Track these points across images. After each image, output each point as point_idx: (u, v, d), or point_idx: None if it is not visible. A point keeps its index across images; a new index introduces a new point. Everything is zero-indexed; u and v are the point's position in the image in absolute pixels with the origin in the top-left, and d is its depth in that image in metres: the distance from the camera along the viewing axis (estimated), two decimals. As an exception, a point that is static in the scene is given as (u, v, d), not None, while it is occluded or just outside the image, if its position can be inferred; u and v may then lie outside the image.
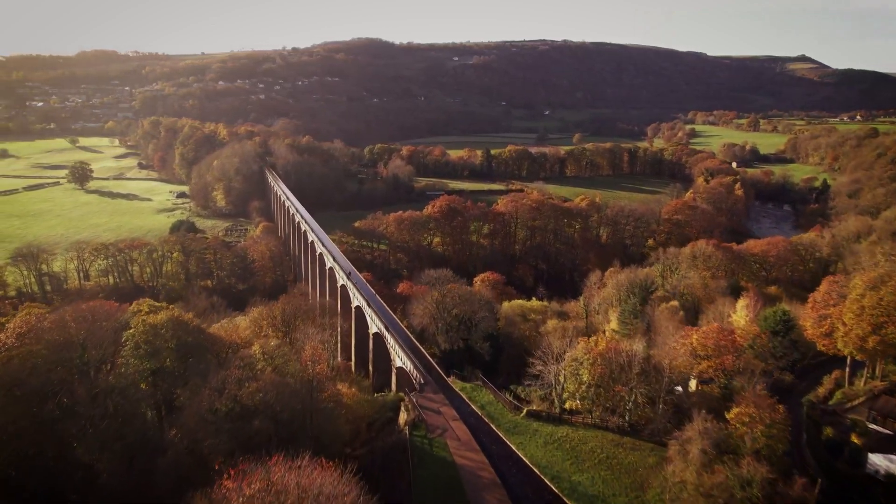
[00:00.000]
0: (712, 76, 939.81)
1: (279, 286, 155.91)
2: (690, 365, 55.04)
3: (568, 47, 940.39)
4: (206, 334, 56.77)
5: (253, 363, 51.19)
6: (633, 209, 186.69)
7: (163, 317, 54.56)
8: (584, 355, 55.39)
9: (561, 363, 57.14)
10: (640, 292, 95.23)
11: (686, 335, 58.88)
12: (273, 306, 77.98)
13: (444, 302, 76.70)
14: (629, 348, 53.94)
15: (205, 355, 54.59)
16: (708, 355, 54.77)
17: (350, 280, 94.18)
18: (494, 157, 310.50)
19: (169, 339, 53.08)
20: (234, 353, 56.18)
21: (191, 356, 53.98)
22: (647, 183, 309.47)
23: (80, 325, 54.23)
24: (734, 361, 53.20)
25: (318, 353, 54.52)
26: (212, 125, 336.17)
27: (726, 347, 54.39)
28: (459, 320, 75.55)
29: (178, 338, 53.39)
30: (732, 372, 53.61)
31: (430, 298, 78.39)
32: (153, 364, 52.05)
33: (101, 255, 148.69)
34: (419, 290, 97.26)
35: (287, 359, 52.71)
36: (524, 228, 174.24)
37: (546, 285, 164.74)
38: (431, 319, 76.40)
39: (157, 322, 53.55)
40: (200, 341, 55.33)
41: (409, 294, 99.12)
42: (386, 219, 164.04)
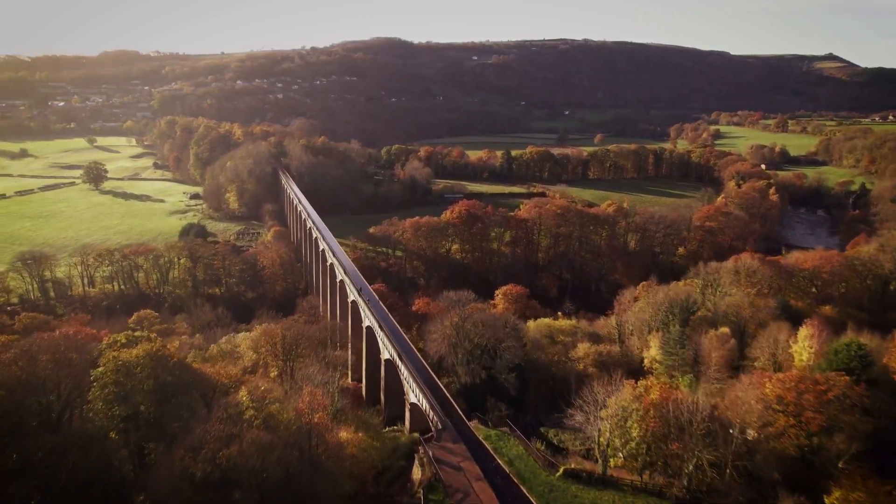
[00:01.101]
0: (736, 76, 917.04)
1: (290, 294, 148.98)
2: (764, 420, 45.88)
3: (588, 46, 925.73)
4: (189, 371, 49.12)
5: (240, 411, 43.50)
6: (664, 215, 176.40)
7: (139, 352, 47.02)
8: (632, 404, 46.69)
9: (604, 409, 48.40)
10: (681, 313, 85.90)
11: (758, 382, 49.57)
12: (274, 331, 70.35)
13: (464, 327, 68.41)
14: (689, 400, 44.96)
15: (187, 398, 46.97)
16: (787, 410, 45.49)
17: (361, 296, 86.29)
18: (515, 159, 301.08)
19: (144, 380, 45.53)
20: (221, 394, 48.56)
21: (171, 399, 46.35)
22: (674, 186, 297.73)
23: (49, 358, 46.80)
24: (821, 420, 43.87)
25: (317, 400, 46.75)
26: (227, 125, 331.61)
27: (809, 402, 45.05)
28: (482, 349, 67.24)
29: (156, 377, 45.85)
30: (818, 433, 44.28)
31: (449, 322, 70.14)
32: (124, 410, 44.58)
33: (105, 262, 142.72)
34: (436, 307, 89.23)
35: (281, 406, 44.93)
36: (548, 236, 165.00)
37: (571, 296, 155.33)
38: (450, 347, 68.20)
39: (131, 360, 46.04)
40: (183, 380, 47.72)
41: (426, 312, 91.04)
42: (402, 224, 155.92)
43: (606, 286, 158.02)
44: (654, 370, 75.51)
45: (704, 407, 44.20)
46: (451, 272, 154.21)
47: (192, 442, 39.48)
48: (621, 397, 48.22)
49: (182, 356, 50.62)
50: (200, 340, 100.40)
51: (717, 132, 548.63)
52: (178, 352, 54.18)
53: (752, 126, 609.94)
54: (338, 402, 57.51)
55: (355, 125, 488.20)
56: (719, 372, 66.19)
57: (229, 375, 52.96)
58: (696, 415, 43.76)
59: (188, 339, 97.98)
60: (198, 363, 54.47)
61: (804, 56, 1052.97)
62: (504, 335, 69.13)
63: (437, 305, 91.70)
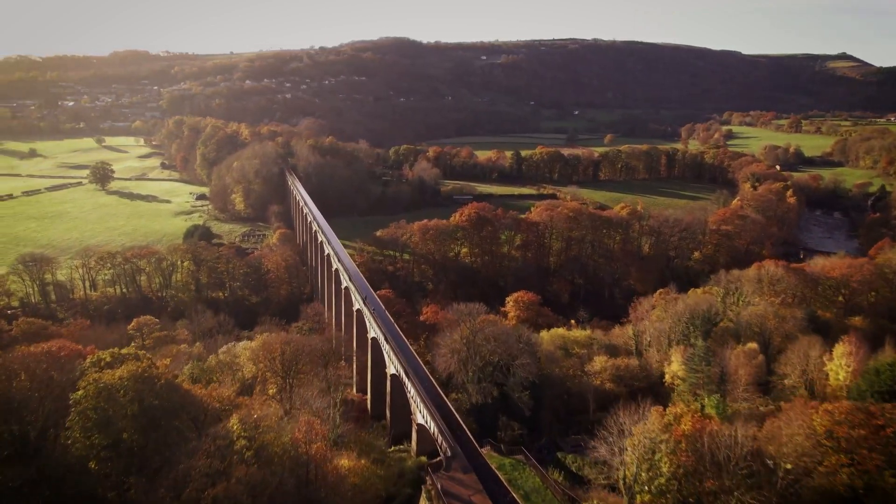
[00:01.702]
0: (747, 75, 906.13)
1: (294, 299, 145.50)
2: (813, 457, 41.33)
3: (598, 46, 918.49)
4: (179, 394, 45.23)
5: (230, 442, 39.75)
6: (679, 219, 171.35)
7: (122, 374, 43.30)
8: (661, 435, 42.47)
9: (629, 438, 44.19)
10: (703, 325, 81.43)
11: (803, 412, 44.89)
12: (273, 345, 66.59)
13: (475, 341, 64.33)
14: (726, 433, 40.56)
15: (175, 423, 43.23)
16: (839, 447, 40.88)
17: (366, 305, 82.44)
18: (525, 160, 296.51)
19: (128, 404, 41.80)
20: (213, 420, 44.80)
21: (157, 425, 42.60)
22: (687, 187, 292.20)
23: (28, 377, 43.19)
24: (879, 460, 39.27)
25: (315, 429, 42.95)
26: (234, 125, 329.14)
27: (864, 437, 40.37)
28: (493, 365, 63.16)
29: (141, 401, 42.12)
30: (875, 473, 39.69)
31: (459, 336, 66.08)
32: (104, 438, 40.89)
33: (107, 265, 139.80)
34: (444, 316, 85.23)
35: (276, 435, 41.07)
36: (560, 239, 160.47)
37: (583, 302, 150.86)
38: (460, 364, 64.19)
39: (113, 383, 42.34)
40: (172, 404, 43.96)
41: (435, 321, 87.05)
42: (410, 227, 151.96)
43: (620, 292, 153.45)
44: (677, 387, 71.19)
45: (744, 442, 39.84)
46: (460, 276, 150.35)
47: (176, 477, 35.82)
48: (648, 426, 44.07)
49: (171, 377, 46.84)
50: (201, 349, 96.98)
51: (730, 132, 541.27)
52: (168, 370, 50.23)
53: (764, 126, 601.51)
54: (339, 427, 53.65)
55: (364, 125, 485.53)
56: (748, 391, 61.81)
57: (221, 398, 49.01)
58: (735, 450, 39.46)
59: (188, 347, 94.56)
60: (188, 384, 50.71)
61: (816, 55, 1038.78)
62: (517, 351, 65.04)
63: (445, 314, 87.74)
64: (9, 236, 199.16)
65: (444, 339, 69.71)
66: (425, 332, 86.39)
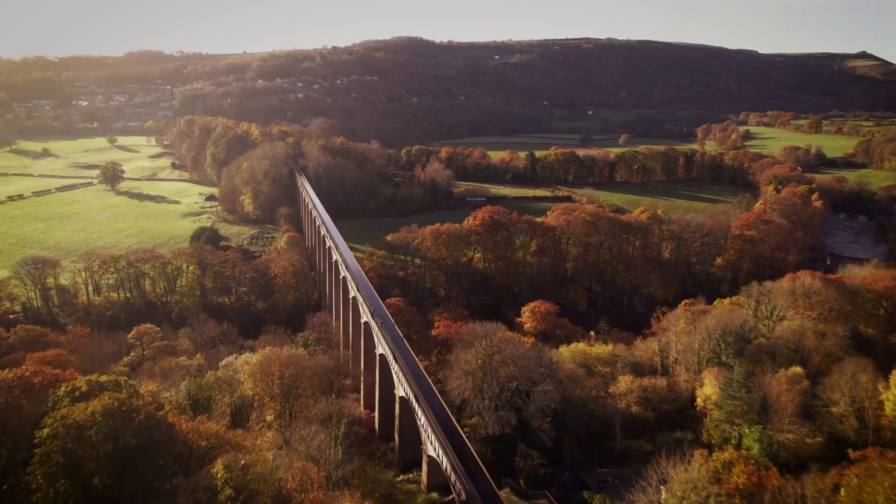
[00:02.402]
0: (764, 75, 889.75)
1: (302, 304, 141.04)
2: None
3: (612, 45, 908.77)
4: (161, 429, 39.98)
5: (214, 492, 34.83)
6: (701, 223, 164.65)
7: (96, 408, 38.30)
8: (709, 487, 36.91)
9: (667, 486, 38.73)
10: (736, 342, 75.44)
11: (887, 469, 38.63)
12: (271, 368, 61.60)
13: (492, 363, 58.96)
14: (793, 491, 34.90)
15: (155, 463, 38.31)
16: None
17: (375, 319, 77.37)
18: (539, 161, 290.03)
19: (100, 444, 36.93)
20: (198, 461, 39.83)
21: (135, 467, 37.61)
22: (706, 190, 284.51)
23: None
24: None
25: (312, 477, 37.94)
26: (245, 125, 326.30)
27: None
28: (512, 391, 57.80)
29: (116, 440, 37.28)
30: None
31: (473, 357, 60.73)
32: (71, 485, 35.99)
33: (110, 269, 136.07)
34: (457, 330, 79.93)
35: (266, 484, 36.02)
36: (577, 245, 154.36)
37: (601, 311, 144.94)
38: (475, 390, 58.90)
39: (84, 420, 37.43)
40: (152, 441, 39.00)
41: (447, 336, 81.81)
42: (421, 232, 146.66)
43: (640, 300, 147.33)
44: (710, 412, 65.40)
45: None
46: (473, 282, 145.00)
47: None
48: (692, 474, 38.54)
49: (154, 407, 41.86)
50: (201, 360, 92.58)
51: (747, 133, 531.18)
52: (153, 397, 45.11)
53: (783, 127, 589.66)
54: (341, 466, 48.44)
55: (375, 125, 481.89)
56: (794, 423, 55.95)
57: (209, 434, 44.01)
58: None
59: (187, 360, 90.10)
60: (174, 414, 45.73)
61: (835, 54, 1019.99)
62: (538, 375, 59.58)
63: (458, 328, 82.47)
64: (16, 237, 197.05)
65: (457, 358, 64.39)
66: (437, 347, 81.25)
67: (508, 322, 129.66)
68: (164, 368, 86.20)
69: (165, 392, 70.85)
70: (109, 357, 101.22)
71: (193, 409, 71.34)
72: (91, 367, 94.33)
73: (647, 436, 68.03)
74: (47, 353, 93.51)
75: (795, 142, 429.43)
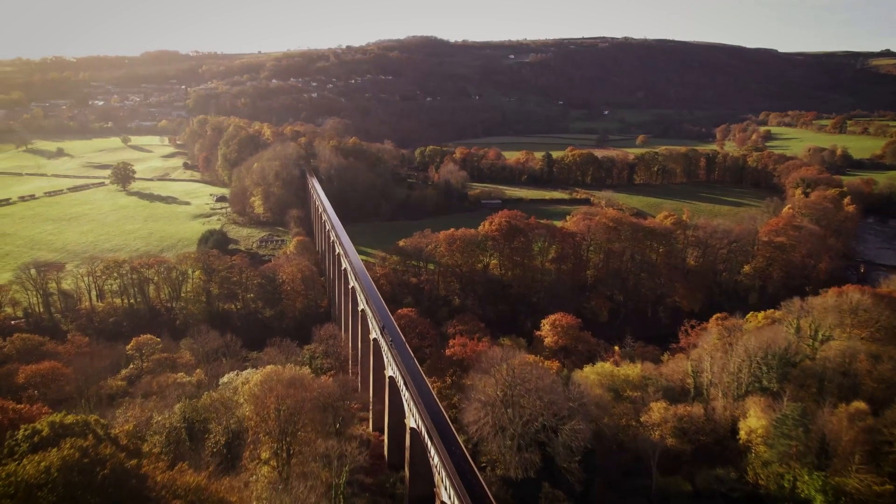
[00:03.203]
0: (784, 74, 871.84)
1: (310, 311, 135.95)
2: None
3: (629, 45, 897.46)
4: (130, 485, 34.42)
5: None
6: (728, 229, 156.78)
7: (53, 461, 32.60)
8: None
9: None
10: (780, 366, 68.51)
11: None
12: (267, 401, 55.78)
13: (513, 397, 52.70)
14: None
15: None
16: None
17: (384, 336, 71.48)
18: (556, 162, 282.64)
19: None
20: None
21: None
22: (728, 193, 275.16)
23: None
24: None
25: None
26: (257, 125, 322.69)
27: None
28: (537, 429, 51.54)
29: (74, 500, 31.62)
30: None
31: (493, 388, 54.44)
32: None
33: (113, 274, 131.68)
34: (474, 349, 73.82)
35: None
36: (598, 251, 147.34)
37: (624, 321, 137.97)
38: (495, 427, 52.68)
39: (33, 477, 31.68)
40: (119, 498, 33.39)
41: (463, 356, 75.67)
42: (435, 237, 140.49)
43: (665, 310, 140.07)
44: (756, 448, 58.65)
45: None
46: (489, 290, 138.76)
47: None
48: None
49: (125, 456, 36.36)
50: (202, 375, 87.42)
51: (768, 133, 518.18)
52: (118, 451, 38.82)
53: (805, 127, 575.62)
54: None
55: (390, 125, 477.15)
56: (861, 472, 49.09)
57: (188, 487, 38.37)
58: None
59: (185, 376, 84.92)
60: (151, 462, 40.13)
61: (858, 53, 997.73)
62: (567, 410, 53.19)
63: (474, 347, 76.27)
64: (25, 238, 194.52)
65: (474, 386, 58.11)
66: (452, 367, 75.18)
67: (526, 334, 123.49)
68: (162, 384, 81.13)
69: (158, 415, 65.68)
70: (108, 369, 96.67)
71: (189, 434, 66.28)
72: (87, 380, 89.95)
73: (684, 471, 61.50)
74: (41, 366, 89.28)
75: (819, 142, 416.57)
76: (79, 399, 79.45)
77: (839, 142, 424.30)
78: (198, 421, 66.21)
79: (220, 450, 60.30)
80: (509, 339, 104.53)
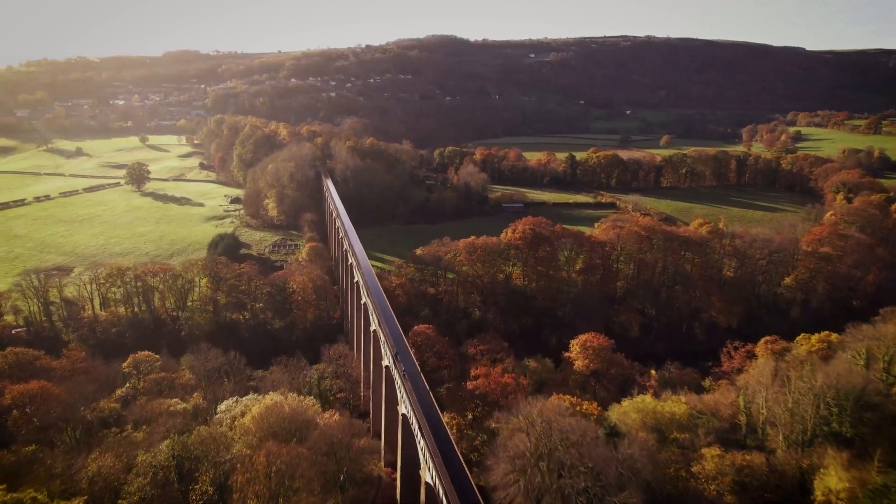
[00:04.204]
0: (812, 73, 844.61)
1: (322, 323, 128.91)
2: None
3: (651, 43, 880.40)
4: None
5: None
6: (768, 238, 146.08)
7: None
8: None
9: None
10: (855, 409, 59.15)
11: None
12: (256, 464, 47.79)
13: (549, 454, 44.21)
14: None
15: None
16: None
17: (398, 364, 63.59)
18: (580, 164, 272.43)
19: None
20: None
21: None
22: (761, 197, 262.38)
23: None
24: None
25: None
26: (274, 124, 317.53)
27: None
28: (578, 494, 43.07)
29: None
30: None
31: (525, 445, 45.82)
32: None
33: (116, 282, 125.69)
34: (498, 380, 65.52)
35: None
36: (629, 262, 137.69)
37: (656, 337, 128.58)
38: (528, 497, 44.22)
39: None
40: None
41: (485, 390, 67.26)
42: (454, 245, 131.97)
43: (700, 326, 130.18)
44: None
45: None
46: (511, 302, 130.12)
47: None
48: None
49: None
50: (199, 399, 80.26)
51: (798, 134, 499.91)
52: None
53: (836, 127, 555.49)
54: None
55: (409, 124, 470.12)
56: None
57: None
58: None
59: (181, 402, 77.73)
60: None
61: (891, 51, 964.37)
62: (615, 475, 44.45)
63: (498, 377, 67.89)
64: (36, 241, 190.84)
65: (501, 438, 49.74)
66: (474, 402, 66.91)
67: (552, 350, 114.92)
68: (155, 411, 74.15)
69: (143, 455, 58.49)
70: (102, 388, 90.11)
71: (178, 474, 59.09)
72: (76, 403, 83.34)
73: (746, 536, 52.75)
74: (30, 386, 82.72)
75: (853, 144, 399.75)
76: (65, 426, 72.71)
77: (875, 143, 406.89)
78: (188, 459, 58.94)
79: (212, 497, 52.86)
80: (535, 361, 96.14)
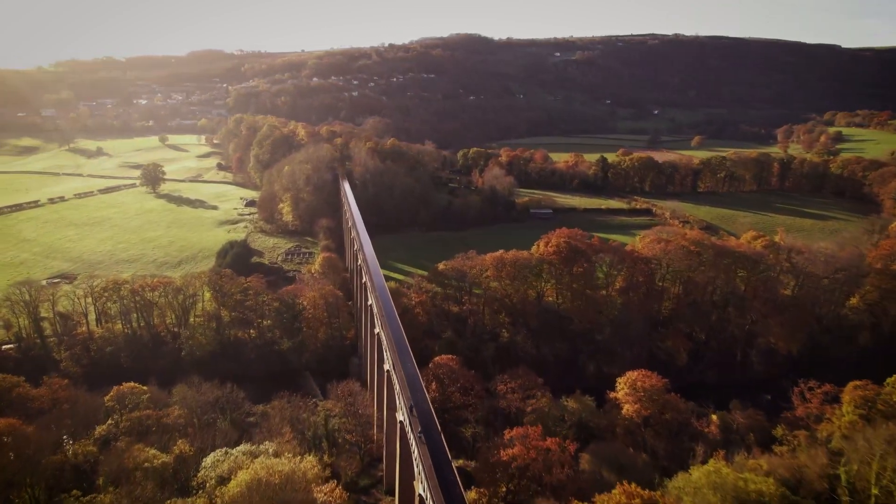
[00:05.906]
0: (848, 71, 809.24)
1: (334, 344, 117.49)
2: None
3: (679, 42, 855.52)
4: None
5: None
6: (832, 254, 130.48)
7: None
8: None
9: None
10: None
11: None
12: None
13: None
14: None
15: None
16: None
17: (413, 420, 51.47)
18: (611, 167, 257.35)
19: None
20: None
21: None
22: (808, 203, 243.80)
23: None
24: None
25: None
26: (292, 124, 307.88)
27: None
28: None
29: None
30: None
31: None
32: None
33: (112, 297, 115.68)
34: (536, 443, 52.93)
35: None
36: (676, 281, 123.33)
37: (707, 366, 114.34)
38: None
39: None
40: None
41: (521, 459, 54.39)
42: (481, 260, 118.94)
43: (757, 353, 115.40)
44: None
45: None
46: (544, 324, 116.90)
47: None
48: None
49: None
50: (186, 447, 68.81)
51: (839, 135, 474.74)
52: None
53: (879, 128, 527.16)
54: None
55: (431, 124, 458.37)
56: None
57: None
58: None
59: (158, 455, 66.24)
60: None
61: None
62: None
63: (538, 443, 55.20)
64: (43, 245, 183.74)
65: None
66: (507, 476, 54.34)
67: (587, 381, 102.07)
68: (130, 464, 62.98)
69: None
70: (83, 423, 79.68)
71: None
72: (50, 444, 72.97)
73: None
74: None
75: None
76: (25, 482, 61.91)
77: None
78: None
79: None
80: (574, 400, 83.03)
